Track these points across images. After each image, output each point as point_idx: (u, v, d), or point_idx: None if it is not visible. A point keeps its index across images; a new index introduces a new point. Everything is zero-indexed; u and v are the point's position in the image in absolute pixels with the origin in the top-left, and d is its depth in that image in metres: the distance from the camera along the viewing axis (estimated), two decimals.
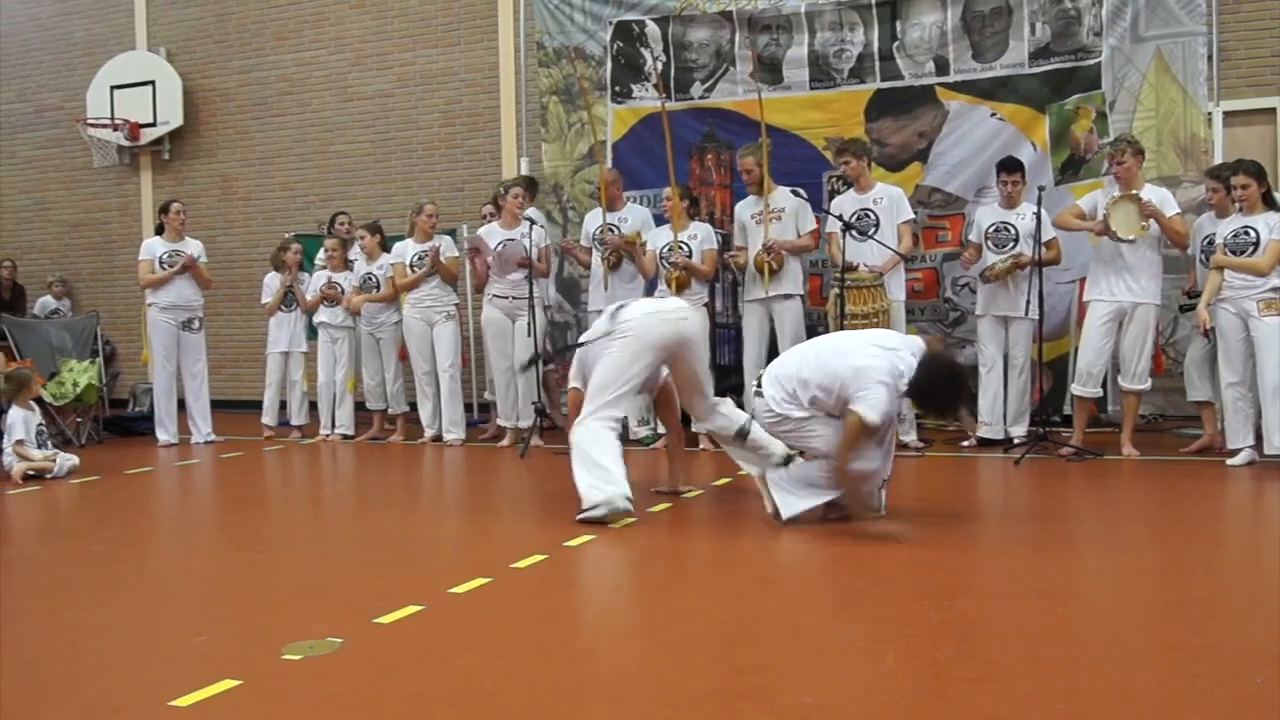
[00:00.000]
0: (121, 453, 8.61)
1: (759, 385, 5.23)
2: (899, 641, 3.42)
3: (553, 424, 8.51)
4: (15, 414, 7.43)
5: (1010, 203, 7.48)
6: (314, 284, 9.17)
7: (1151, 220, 6.83)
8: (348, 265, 9.12)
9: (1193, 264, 7.23)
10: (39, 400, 8.16)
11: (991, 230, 7.50)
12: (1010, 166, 7.54)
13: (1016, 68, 8.21)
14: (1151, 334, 7.07)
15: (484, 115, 10.35)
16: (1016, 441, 7.41)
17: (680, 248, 7.78)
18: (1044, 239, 7.20)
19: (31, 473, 7.23)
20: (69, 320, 10.83)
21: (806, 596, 4.03)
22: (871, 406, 4.75)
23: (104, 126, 11.57)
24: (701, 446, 7.37)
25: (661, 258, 7.89)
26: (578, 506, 5.16)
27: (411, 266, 8.57)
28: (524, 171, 9.72)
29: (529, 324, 7.94)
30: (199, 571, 4.86)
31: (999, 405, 7.57)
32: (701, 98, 9.02)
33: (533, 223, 8.09)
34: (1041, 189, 7.19)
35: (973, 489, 6.45)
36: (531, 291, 7.93)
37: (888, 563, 4.44)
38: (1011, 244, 7.39)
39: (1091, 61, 8.02)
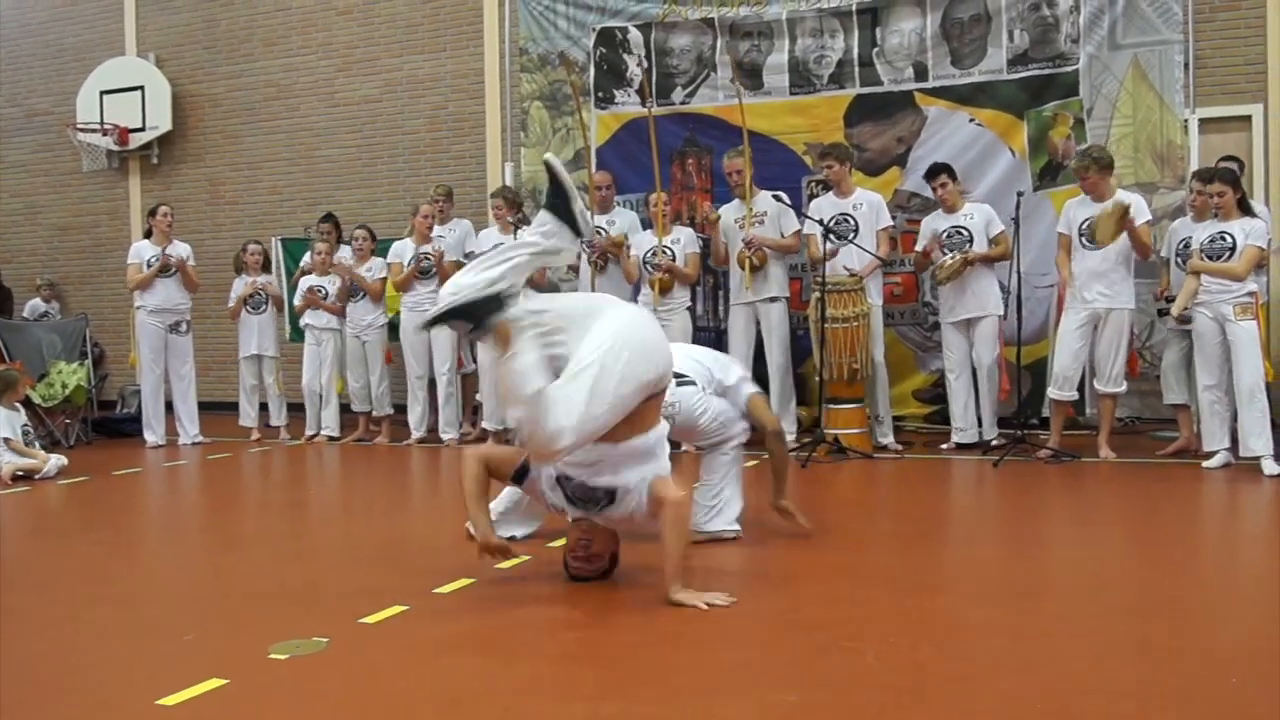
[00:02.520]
0: (109, 454, 8.64)
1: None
2: (879, 640, 3.45)
3: None
4: (0, 414, 7.47)
5: (950, 207, 7.58)
6: (300, 288, 9.19)
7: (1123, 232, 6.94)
8: (332, 269, 9.14)
9: (1166, 267, 7.33)
10: (27, 401, 8.19)
11: (945, 236, 7.58)
12: (933, 173, 7.62)
13: (995, 74, 8.30)
14: (1126, 337, 7.15)
15: (469, 120, 10.39)
16: (994, 444, 7.49)
17: (664, 252, 7.84)
18: (993, 234, 7.39)
19: (20, 473, 7.27)
20: (58, 322, 10.84)
21: (787, 596, 4.08)
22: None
23: (93, 131, 11.57)
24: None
25: (645, 262, 7.96)
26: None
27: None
28: (509, 177, 9.79)
29: None
30: (186, 571, 4.91)
31: (971, 410, 7.63)
32: (683, 103, 9.09)
33: (515, 227, 8.14)
34: (1020, 195, 7.28)
35: (952, 491, 6.51)
36: None
37: (867, 563, 4.50)
38: (967, 245, 7.48)
39: (1069, 68, 8.11)
